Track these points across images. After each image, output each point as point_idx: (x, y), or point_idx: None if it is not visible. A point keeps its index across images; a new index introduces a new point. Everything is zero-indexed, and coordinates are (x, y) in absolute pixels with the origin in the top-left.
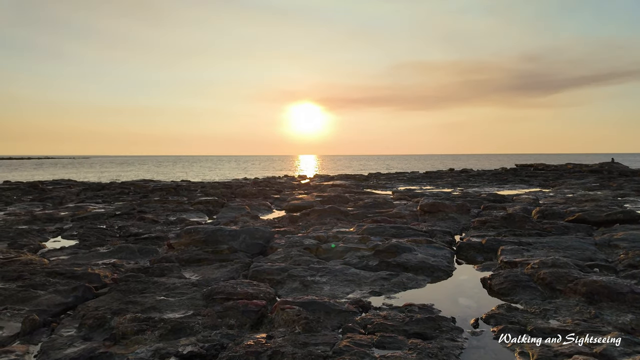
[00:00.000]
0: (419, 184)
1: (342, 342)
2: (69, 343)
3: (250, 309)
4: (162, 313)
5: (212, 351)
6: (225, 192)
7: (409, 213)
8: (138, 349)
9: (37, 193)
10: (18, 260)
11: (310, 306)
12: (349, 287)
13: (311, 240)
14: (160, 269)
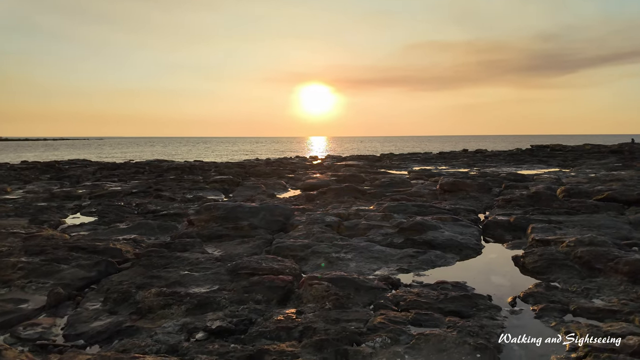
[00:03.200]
0: (433, 164)
1: (376, 318)
2: (95, 316)
3: (276, 284)
4: (187, 288)
5: (241, 326)
6: (239, 172)
7: (428, 192)
8: (165, 323)
9: (54, 172)
10: (40, 235)
11: (339, 282)
12: (375, 264)
13: (332, 218)
14: (182, 244)
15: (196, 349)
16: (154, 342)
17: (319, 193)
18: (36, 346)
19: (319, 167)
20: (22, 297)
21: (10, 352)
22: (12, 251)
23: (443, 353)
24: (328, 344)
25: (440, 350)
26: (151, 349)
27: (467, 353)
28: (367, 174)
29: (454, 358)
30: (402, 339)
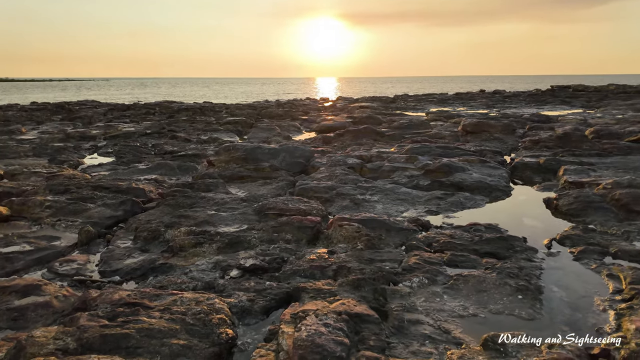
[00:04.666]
0: (450, 106)
1: (410, 259)
2: (128, 254)
3: (305, 224)
4: (216, 227)
5: (274, 264)
6: (252, 113)
7: (450, 134)
8: (198, 261)
9: (65, 113)
10: (62, 175)
11: (369, 223)
12: (403, 206)
13: (354, 160)
14: (205, 184)
15: (232, 286)
16: (189, 279)
17: (336, 135)
18: (74, 281)
19: (332, 108)
20: (53, 235)
21: (51, 287)
22: (37, 190)
23: (483, 294)
24: (365, 283)
25: (479, 290)
26: (187, 286)
27: (508, 294)
28: (384, 115)
29: (495, 299)
30: (439, 279)
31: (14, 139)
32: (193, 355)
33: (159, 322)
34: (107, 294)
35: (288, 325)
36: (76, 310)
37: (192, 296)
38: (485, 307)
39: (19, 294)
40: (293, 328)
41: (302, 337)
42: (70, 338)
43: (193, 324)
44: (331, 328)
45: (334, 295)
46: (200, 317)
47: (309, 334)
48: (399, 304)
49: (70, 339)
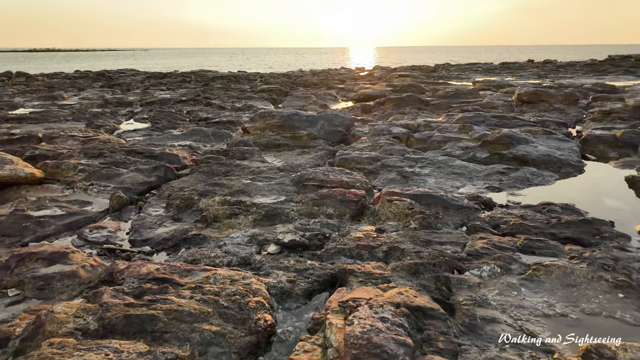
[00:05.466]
0: (498, 75)
1: (477, 242)
2: (159, 223)
3: (349, 198)
4: (252, 197)
5: (315, 241)
6: (286, 82)
7: (503, 103)
8: (232, 233)
9: (105, 80)
10: (97, 139)
11: (423, 199)
12: (458, 181)
13: (400, 129)
14: (240, 152)
15: (270, 264)
16: (223, 253)
17: (376, 104)
18: (103, 250)
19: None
20: (85, 200)
21: (78, 256)
22: (72, 154)
23: (572, 289)
24: (424, 269)
25: (567, 285)
26: (222, 261)
27: (604, 291)
28: (426, 84)
29: (588, 296)
30: (514, 268)
31: (55, 104)
32: (227, 344)
33: (189, 303)
34: (135, 266)
35: (336, 315)
36: (102, 282)
37: (227, 273)
38: (576, 306)
39: (45, 262)
40: (343, 320)
41: (355, 334)
42: (92, 317)
43: (227, 307)
44: (389, 324)
45: (387, 282)
46: (236, 299)
47: (363, 331)
48: (467, 296)
49: (91, 318)
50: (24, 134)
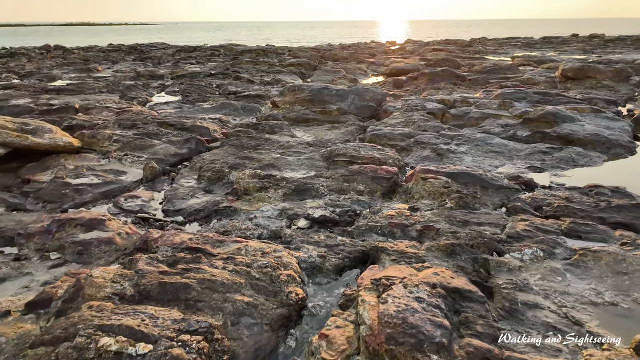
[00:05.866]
0: (539, 51)
1: (518, 224)
2: (191, 194)
3: (381, 175)
4: (281, 172)
5: (345, 218)
6: (315, 56)
7: (545, 80)
8: (263, 207)
9: (137, 54)
10: (131, 111)
11: (460, 178)
12: (498, 160)
13: (435, 105)
14: (269, 126)
15: (301, 238)
16: (254, 225)
17: (408, 79)
18: (138, 219)
19: (401, 52)
20: (120, 169)
21: (115, 223)
22: (107, 124)
23: (623, 277)
24: (462, 250)
25: (617, 273)
26: (252, 233)
27: None
28: (462, 59)
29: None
30: (559, 253)
31: (91, 77)
32: (259, 315)
33: (222, 273)
34: (169, 236)
35: (369, 293)
36: (137, 250)
37: (258, 246)
38: (628, 295)
39: (84, 228)
40: (376, 297)
41: (390, 313)
42: (128, 283)
43: (259, 279)
44: (425, 304)
45: (422, 262)
46: (267, 271)
47: (398, 310)
48: (507, 280)
49: (128, 284)
50: (62, 105)
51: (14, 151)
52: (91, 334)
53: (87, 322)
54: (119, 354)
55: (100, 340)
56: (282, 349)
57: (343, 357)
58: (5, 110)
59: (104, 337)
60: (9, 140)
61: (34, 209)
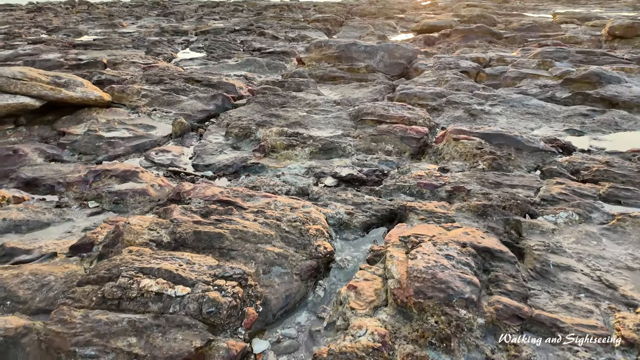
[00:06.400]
0: (583, 7)
1: (553, 187)
2: (220, 150)
3: (410, 135)
4: (308, 130)
5: (372, 177)
6: (341, 11)
7: (589, 38)
8: (290, 164)
9: (160, 9)
10: (157, 66)
11: (494, 139)
12: (534, 122)
13: (469, 63)
14: (295, 83)
15: (328, 196)
16: (282, 182)
17: (440, 36)
18: (169, 172)
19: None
20: (150, 124)
21: (147, 175)
22: (134, 79)
23: None
24: (493, 211)
25: None
26: (280, 189)
27: None
28: (498, 15)
29: None
30: (595, 217)
31: (116, 32)
32: (289, 265)
33: (253, 225)
34: (200, 188)
35: (397, 249)
36: (170, 201)
37: (287, 201)
38: None
39: (118, 179)
40: (404, 254)
41: (419, 268)
42: (164, 231)
43: (289, 232)
44: (455, 261)
45: (451, 222)
46: (296, 225)
47: (427, 265)
48: (539, 242)
49: (164, 232)
50: (90, 60)
51: (48, 104)
52: (132, 275)
53: (128, 265)
54: (159, 294)
55: (141, 281)
56: (311, 298)
57: (370, 307)
58: (37, 64)
59: (144, 278)
60: (43, 93)
61: (70, 159)
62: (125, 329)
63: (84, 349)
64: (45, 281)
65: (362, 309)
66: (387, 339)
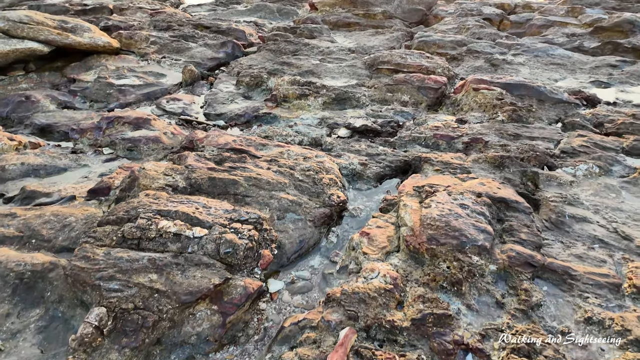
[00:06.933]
0: None
1: (574, 140)
2: (231, 99)
3: (428, 85)
4: (321, 79)
5: (387, 128)
6: None
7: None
8: (302, 114)
9: None
10: (164, 12)
11: (515, 89)
12: (558, 73)
13: (492, 9)
14: (308, 30)
15: (341, 146)
16: (294, 132)
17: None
18: (181, 120)
19: None
20: (159, 72)
21: (160, 123)
22: (142, 25)
23: None
24: (510, 163)
25: None
26: (293, 139)
27: None
28: None
29: None
30: (616, 170)
31: None
32: (302, 212)
33: (266, 173)
34: (213, 136)
35: (411, 198)
36: (184, 148)
37: (300, 150)
38: None
39: (131, 126)
40: (418, 203)
41: (432, 216)
42: (180, 176)
43: (302, 181)
44: (469, 210)
45: (467, 173)
46: (310, 174)
47: (442, 214)
48: (556, 193)
49: (179, 177)
50: (96, 5)
51: (56, 50)
52: (151, 216)
53: (145, 207)
54: (177, 235)
55: (159, 222)
56: (323, 244)
57: (383, 252)
58: (42, 8)
59: (162, 220)
60: (50, 38)
61: (82, 107)
62: (146, 266)
63: (108, 283)
64: (67, 222)
65: (374, 254)
66: (398, 282)
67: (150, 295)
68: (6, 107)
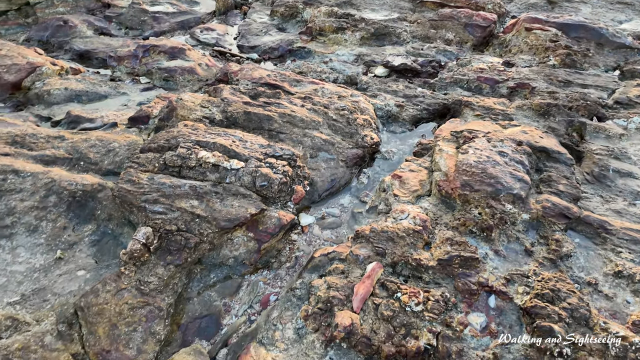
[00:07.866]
0: None
1: (632, 89)
2: (265, 30)
3: (475, 22)
4: (360, 11)
5: (428, 68)
6: None
7: None
8: (338, 50)
9: None
10: None
11: (573, 31)
12: (624, 14)
13: None
14: None
15: (378, 86)
16: (329, 69)
17: None
18: (214, 51)
19: None
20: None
21: (194, 54)
22: None
23: None
24: (557, 111)
25: None
26: (327, 77)
27: None
28: None
29: None
30: None
31: None
32: (335, 152)
33: (300, 110)
34: (248, 70)
35: (447, 143)
36: (218, 81)
37: (334, 89)
38: None
39: (167, 55)
40: (454, 148)
41: (469, 162)
42: (216, 109)
43: (336, 120)
44: (508, 159)
45: (509, 120)
46: (344, 113)
47: (479, 160)
48: (602, 146)
49: (215, 110)
50: None
51: None
52: (190, 146)
53: (185, 137)
54: (216, 165)
55: (199, 152)
56: (354, 184)
57: (414, 195)
58: None
59: (201, 150)
60: None
61: (118, 34)
62: (187, 193)
63: (153, 206)
64: (111, 147)
65: (405, 197)
66: (428, 224)
67: (192, 219)
68: (46, 32)
